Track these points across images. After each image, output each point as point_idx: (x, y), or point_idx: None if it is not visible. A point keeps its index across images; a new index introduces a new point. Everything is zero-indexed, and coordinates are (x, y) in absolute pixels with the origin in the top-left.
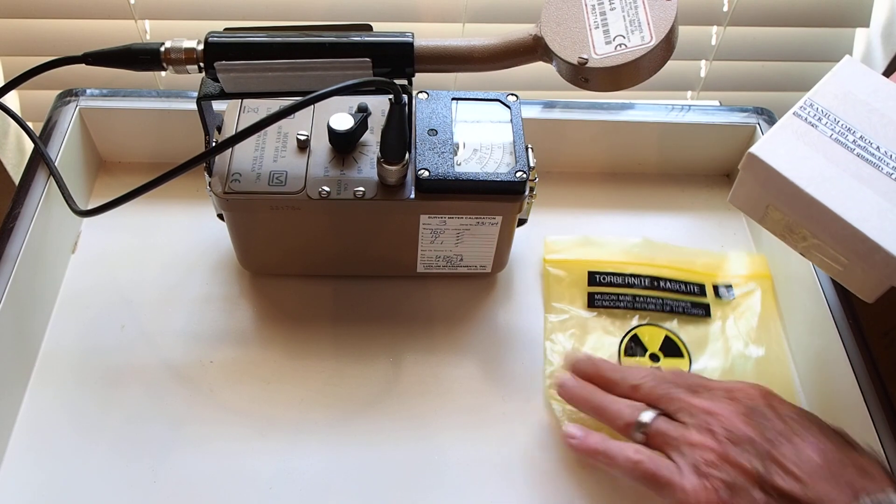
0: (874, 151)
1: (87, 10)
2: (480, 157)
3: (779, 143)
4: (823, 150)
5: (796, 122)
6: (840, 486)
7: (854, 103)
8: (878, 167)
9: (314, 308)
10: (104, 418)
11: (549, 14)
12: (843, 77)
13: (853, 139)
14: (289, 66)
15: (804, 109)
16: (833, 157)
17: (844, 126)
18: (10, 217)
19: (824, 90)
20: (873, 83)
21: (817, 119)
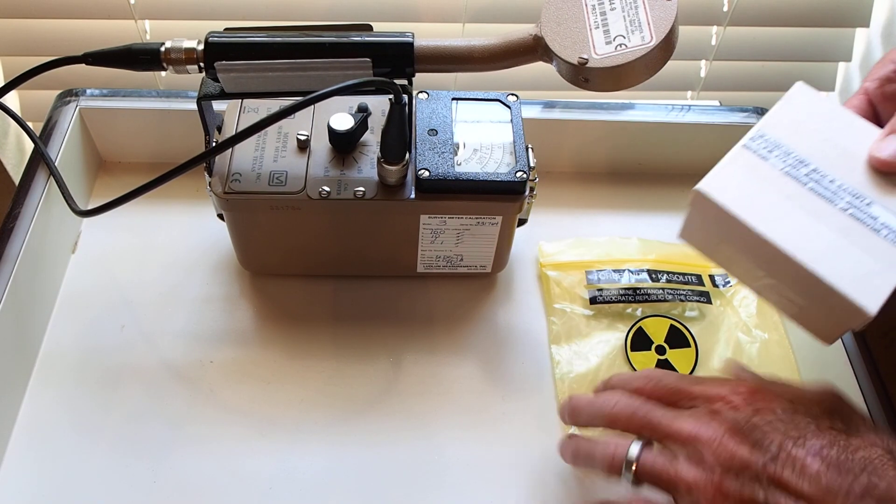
0: (828, 185)
1: (87, 10)
2: (480, 157)
3: (727, 177)
4: (775, 184)
5: (746, 155)
6: (846, 488)
7: (807, 133)
8: (832, 202)
9: (314, 308)
10: (104, 418)
11: (549, 14)
12: (795, 105)
13: (806, 172)
14: (289, 66)
15: (754, 141)
16: (785, 192)
17: (797, 158)
18: (10, 217)
19: (775, 120)
20: (827, 111)
21: (768, 151)
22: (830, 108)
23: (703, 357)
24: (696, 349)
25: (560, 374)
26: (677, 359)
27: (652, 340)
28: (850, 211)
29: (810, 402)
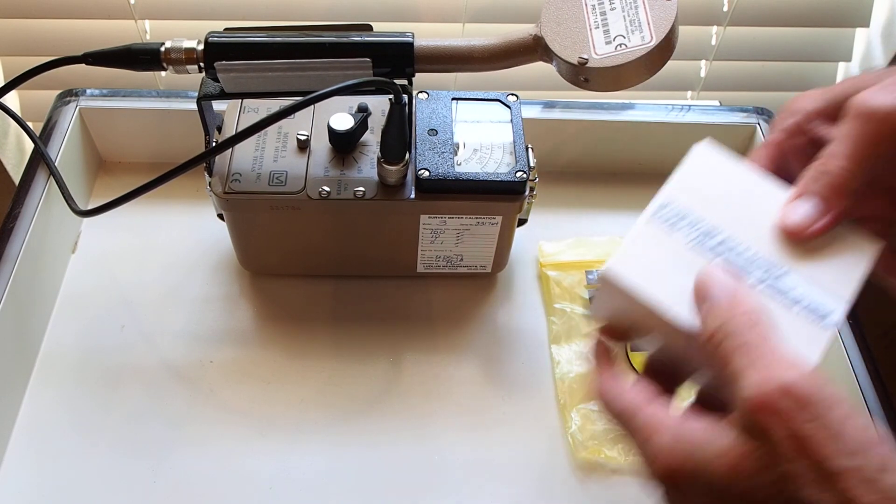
0: (740, 257)
1: (87, 10)
2: (480, 157)
3: (634, 257)
4: (684, 259)
5: (652, 229)
6: None
7: (714, 199)
8: (745, 273)
9: (314, 308)
10: (104, 418)
11: (549, 14)
12: (699, 168)
13: (716, 244)
14: (289, 66)
15: (660, 212)
16: (695, 268)
17: (705, 228)
18: (10, 217)
19: (680, 186)
20: (734, 172)
21: (675, 222)
22: (737, 169)
23: None
24: None
25: (560, 374)
26: None
27: None
28: (763, 284)
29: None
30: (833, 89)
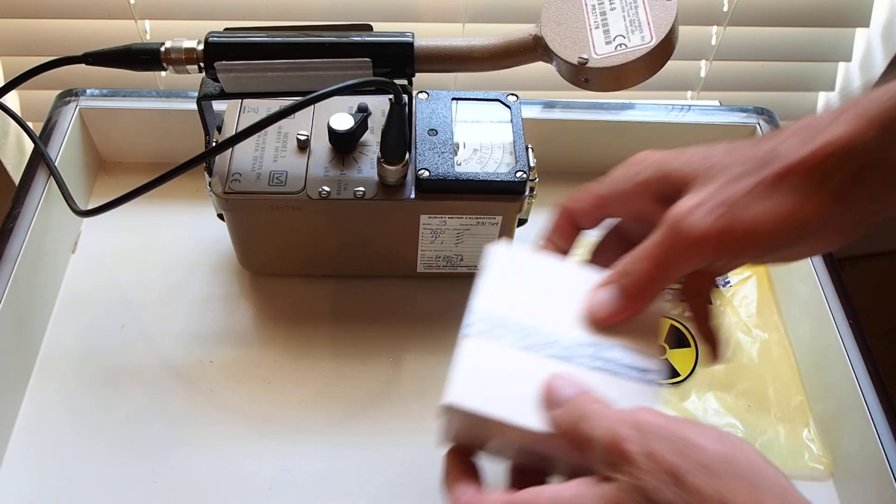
0: (563, 347)
1: (87, 10)
2: (480, 157)
3: (468, 379)
4: (515, 364)
5: (474, 345)
6: None
7: (523, 298)
8: (571, 361)
9: (314, 308)
10: (104, 418)
11: (549, 14)
12: (500, 270)
13: (538, 341)
14: (289, 66)
15: (474, 326)
16: (526, 370)
17: (523, 329)
18: (10, 217)
19: (488, 294)
20: (533, 266)
21: (494, 331)
22: (535, 262)
23: (703, 357)
24: (696, 349)
25: None
26: (677, 359)
27: None
28: (591, 364)
29: None
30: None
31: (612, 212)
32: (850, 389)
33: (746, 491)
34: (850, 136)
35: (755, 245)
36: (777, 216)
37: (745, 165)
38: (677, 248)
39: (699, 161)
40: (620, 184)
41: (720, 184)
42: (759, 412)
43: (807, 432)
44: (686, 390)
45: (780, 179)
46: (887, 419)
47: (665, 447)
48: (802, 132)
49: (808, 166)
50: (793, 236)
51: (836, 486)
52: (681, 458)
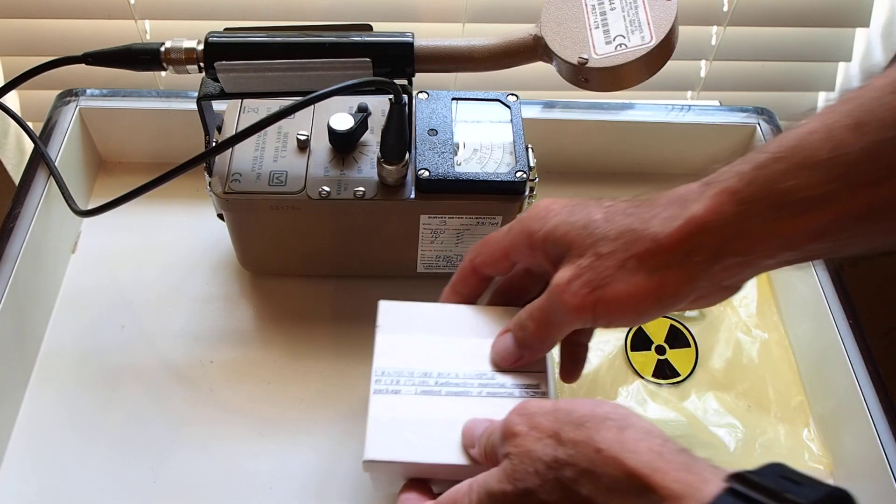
0: (458, 381)
1: (87, 10)
2: (480, 157)
3: (380, 433)
4: (420, 409)
5: (382, 401)
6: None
7: (416, 347)
8: (469, 394)
9: (314, 308)
10: (104, 418)
11: (549, 14)
12: (391, 327)
13: (435, 382)
14: (289, 66)
15: (379, 383)
16: (431, 411)
17: (421, 374)
18: (10, 217)
19: (383, 351)
20: (419, 316)
21: (396, 383)
22: (422, 312)
23: (703, 357)
24: (696, 349)
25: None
26: (677, 359)
27: (652, 340)
28: (485, 392)
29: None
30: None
31: (516, 260)
32: (850, 389)
33: (612, 434)
34: (712, 213)
35: (623, 316)
36: (642, 292)
37: (617, 241)
38: (558, 314)
39: (579, 230)
40: (520, 239)
41: (592, 258)
42: (759, 412)
43: (807, 432)
44: (686, 390)
45: (647, 257)
46: (887, 419)
47: (545, 419)
48: (673, 206)
49: (672, 245)
50: (659, 308)
51: None
52: (559, 423)
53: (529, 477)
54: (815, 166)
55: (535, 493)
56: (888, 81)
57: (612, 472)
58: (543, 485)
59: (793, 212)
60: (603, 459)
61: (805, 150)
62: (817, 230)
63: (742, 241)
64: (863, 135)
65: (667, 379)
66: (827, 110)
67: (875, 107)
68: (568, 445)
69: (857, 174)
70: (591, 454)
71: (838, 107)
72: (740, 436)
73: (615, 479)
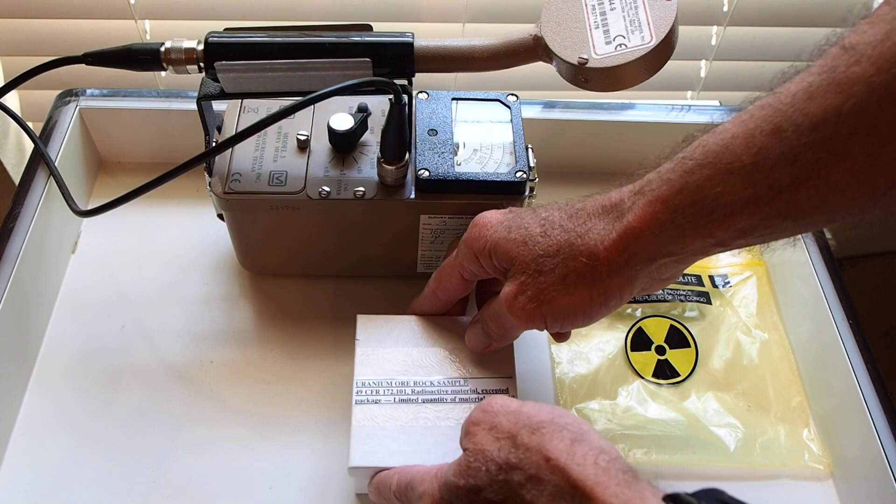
0: (433, 389)
1: (87, 10)
2: (480, 157)
3: (362, 441)
4: (398, 416)
5: (363, 411)
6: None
7: (392, 359)
8: (443, 400)
9: (314, 308)
10: (104, 418)
11: (549, 14)
12: (367, 339)
13: (412, 390)
14: (289, 66)
15: (360, 393)
16: (410, 417)
17: (399, 384)
18: (10, 217)
19: (363, 364)
20: (392, 327)
21: (376, 393)
22: (397, 325)
23: (703, 357)
24: (696, 349)
25: (560, 374)
26: (677, 359)
27: (652, 340)
28: (459, 398)
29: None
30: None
31: (471, 279)
32: (850, 389)
33: (564, 444)
34: (646, 223)
35: (572, 322)
36: (587, 301)
37: (556, 257)
38: (509, 322)
39: (518, 247)
40: (468, 261)
41: (535, 275)
42: (759, 412)
43: (807, 432)
44: (686, 390)
45: (587, 271)
46: (887, 419)
47: (506, 419)
48: (607, 216)
49: (610, 257)
50: (606, 310)
51: (836, 486)
52: (517, 426)
53: (480, 475)
54: (738, 171)
55: (483, 491)
56: (801, 88)
57: (557, 480)
58: (491, 484)
59: (721, 215)
60: (550, 468)
61: (729, 156)
62: (744, 229)
63: (675, 244)
64: (782, 140)
65: (667, 379)
66: (745, 116)
67: (791, 112)
68: (521, 449)
69: (778, 178)
70: (539, 461)
71: (755, 112)
72: (740, 436)
73: (559, 488)
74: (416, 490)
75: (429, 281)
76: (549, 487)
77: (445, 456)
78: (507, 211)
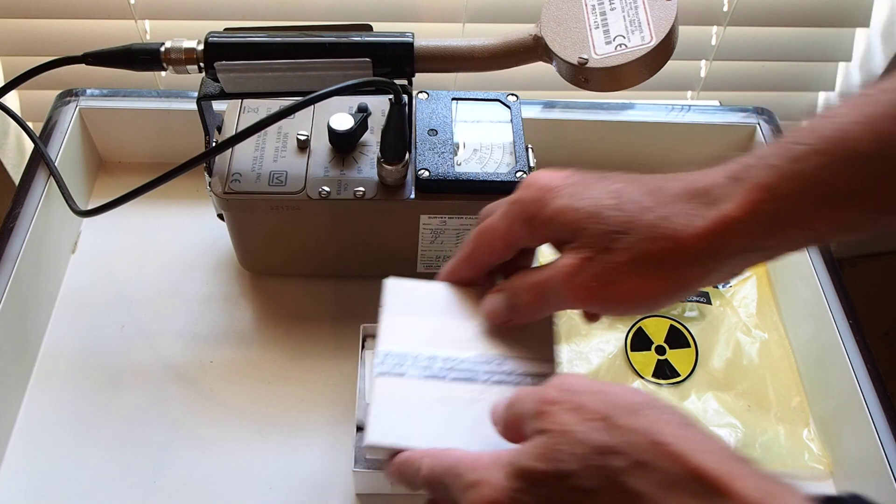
0: (464, 367)
1: (87, 10)
2: (480, 157)
3: (383, 417)
4: (423, 394)
5: (385, 383)
6: None
7: (422, 329)
8: (475, 380)
9: (314, 308)
10: (104, 418)
11: (549, 14)
12: (394, 306)
13: (441, 366)
14: (289, 67)
15: (383, 364)
16: (436, 396)
17: (427, 358)
18: (10, 217)
19: (389, 332)
20: (423, 294)
21: (400, 366)
22: (429, 292)
23: (703, 357)
24: (696, 349)
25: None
26: (677, 359)
27: (652, 340)
28: (492, 379)
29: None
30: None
31: (516, 246)
32: (850, 389)
33: (673, 428)
34: (746, 211)
35: (631, 310)
36: (656, 289)
37: (631, 236)
38: (557, 297)
39: (587, 218)
40: (519, 225)
41: (603, 251)
42: (759, 412)
43: (807, 432)
44: (686, 390)
45: (665, 256)
46: (887, 419)
47: (592, 400)
48: (695, 200)
49: (697, 245)
50: (670, 302)
51: (837, 487)
52: (608, 406)
53: (568, 459)
54: (857, 160)
55: (572, 476)
56: None
57: (671, 467)
58: (584, 470)
59: (830, 207)
60: (662, 453)
61: (848, 143)
62: (850, 223)
63: (773, 237)
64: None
65: (667, 379)
66: (864, 100)
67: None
68: (621, 432)
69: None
70: (647, 445)
71: (879, 97)
72: (740, 436)
73: (674, 476)
74: (466, 478)
75: (463, 244)
76: (659, 474)
77: (479, 442)
78: (568, 173)
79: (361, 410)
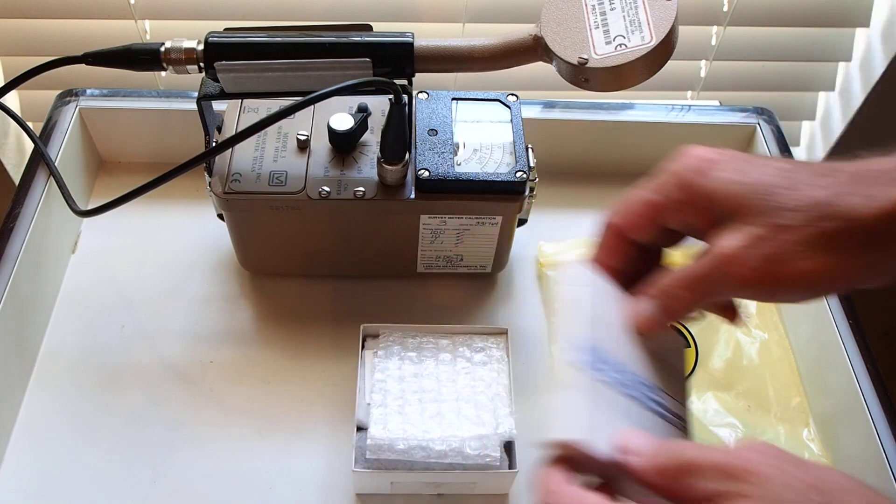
0: (628, 382)
1: (87, 10)
2: (480, 157)
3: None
4: (610, 401)
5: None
6: None
7: (602, 327)
8: (637, 399)
9: (314, 308)
10: (104, 418)
11: (549, 14)
12: (579, 296)
13: (623, 377)
14: (289, 67)
15: (581, 358)
16: (604, 405)
17: (615, 363)
18: (10, 217)
19: (578, 321)
20: (600, 290)
21: (595, 363)
22: (601, 288)
23: (703, 357)
24: (696, 349)
25: None
26: None
27: None
28: (647, 405)
29: None
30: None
31: (667, 222)
32: (850, 389)
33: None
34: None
35: (793, 295)
36: (826, 272)
37: (804, 213)
38: (719, 284)
39: (754, 193)
40: (675, 193)
41: (772, 227)
42: (759, 412)
43: (807, 432)
44: None
45: (841, 235)
46: (887, 419)
47: (794, 468)
48: (865, 182)
49: (869, 228)
50: (835, 289)
51: None
52: (818, 480)
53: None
54: None
55: None
56: None
57: None
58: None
59: None
60: None
61: None
62: None
63: None
64: None
65: None
66: None
67: None
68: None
69: None
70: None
71: None
72: (740, 436)
73: None
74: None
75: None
76: None
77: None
78: (728, 151)
79: (361, 410)
